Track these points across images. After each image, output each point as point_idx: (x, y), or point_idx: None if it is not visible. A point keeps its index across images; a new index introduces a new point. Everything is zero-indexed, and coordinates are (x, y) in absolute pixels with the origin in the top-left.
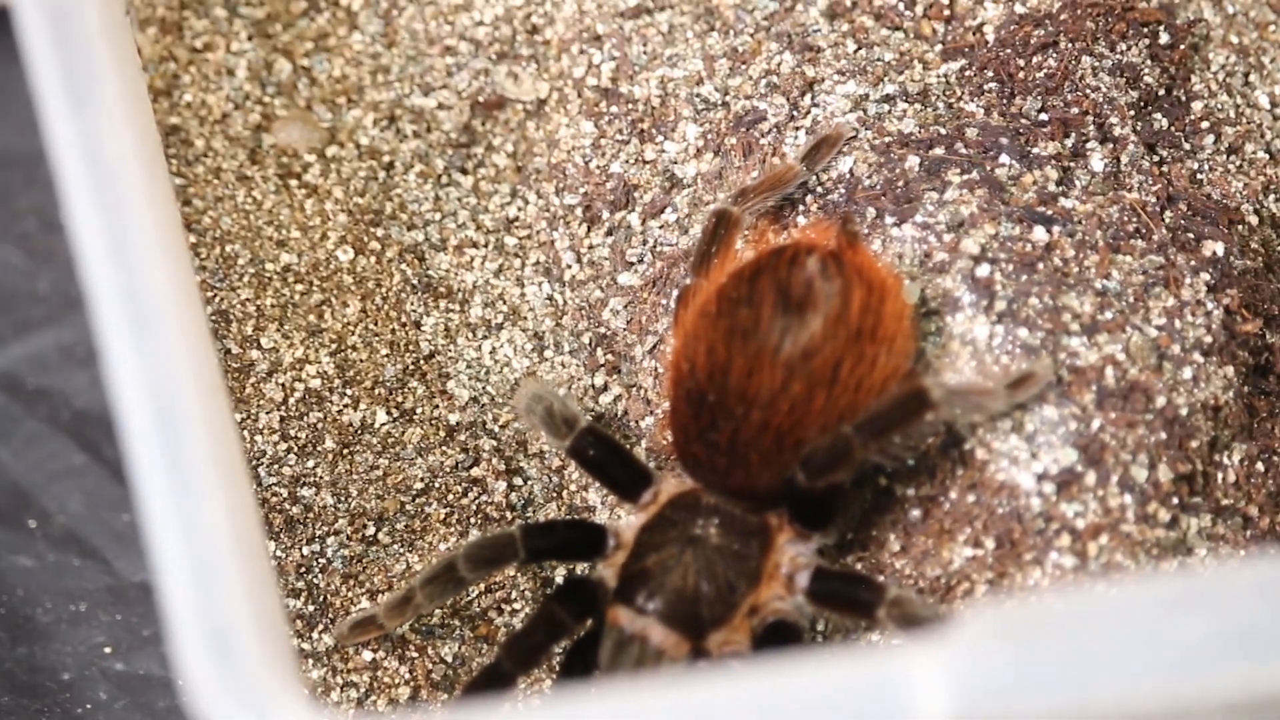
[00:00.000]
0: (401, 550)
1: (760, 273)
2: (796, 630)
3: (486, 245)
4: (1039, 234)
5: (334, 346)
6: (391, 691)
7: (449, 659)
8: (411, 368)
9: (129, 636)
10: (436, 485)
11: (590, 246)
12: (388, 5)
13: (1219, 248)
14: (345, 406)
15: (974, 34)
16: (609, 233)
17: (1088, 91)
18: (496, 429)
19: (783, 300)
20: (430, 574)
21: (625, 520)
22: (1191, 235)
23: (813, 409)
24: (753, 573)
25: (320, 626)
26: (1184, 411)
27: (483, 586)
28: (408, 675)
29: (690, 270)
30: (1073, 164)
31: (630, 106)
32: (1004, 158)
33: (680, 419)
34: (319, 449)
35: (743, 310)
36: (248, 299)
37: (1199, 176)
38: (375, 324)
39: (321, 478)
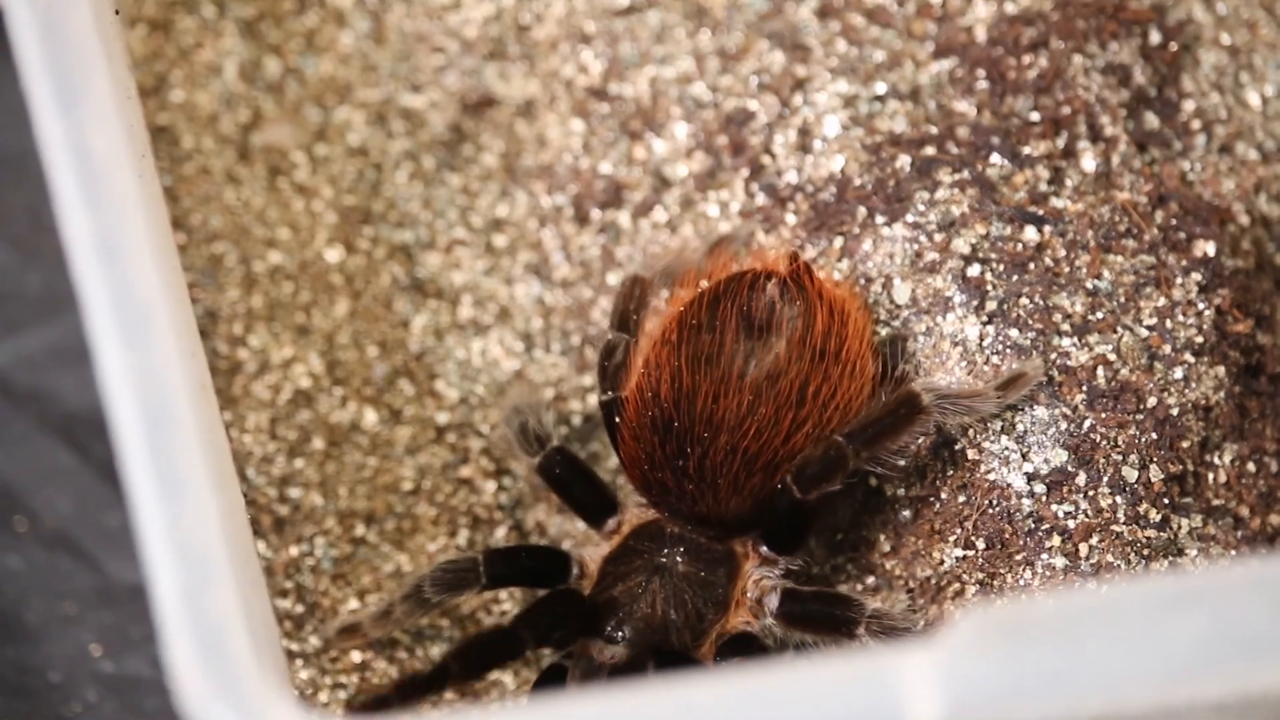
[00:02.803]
0: (390, 550)
1: (721, 298)
2: (758, 643)
3: (476, 245)
4: (1030, 234)
5: (323, 346)
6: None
7: (439, 660)
8: (400, 367)
9: (119, 637)
10: (425, 485)
11: (580, 246)
12: (377, 4)
13: (1210, 248)
14: (334, 406)
15: (965, 33)
16: (599, 232)
17: (1079, 91)
18: (486, 429)
19: (745, 324)
20: (403, 592)
21: (589, 550)
22: (1183, 235)
23: (780, 431)
24: (720, 600)
25: (309, 627)
26: (1175, 412)
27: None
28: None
29: (612, 326)
30: (1064, 163)
31: (620, 106)
32: (995, 157)
33: (645, 447)
34: (308, 449)
35: (705, 336)
36: (236, 298)
37: (1190, 176)
38: (364, 323)
39: (310, 478)
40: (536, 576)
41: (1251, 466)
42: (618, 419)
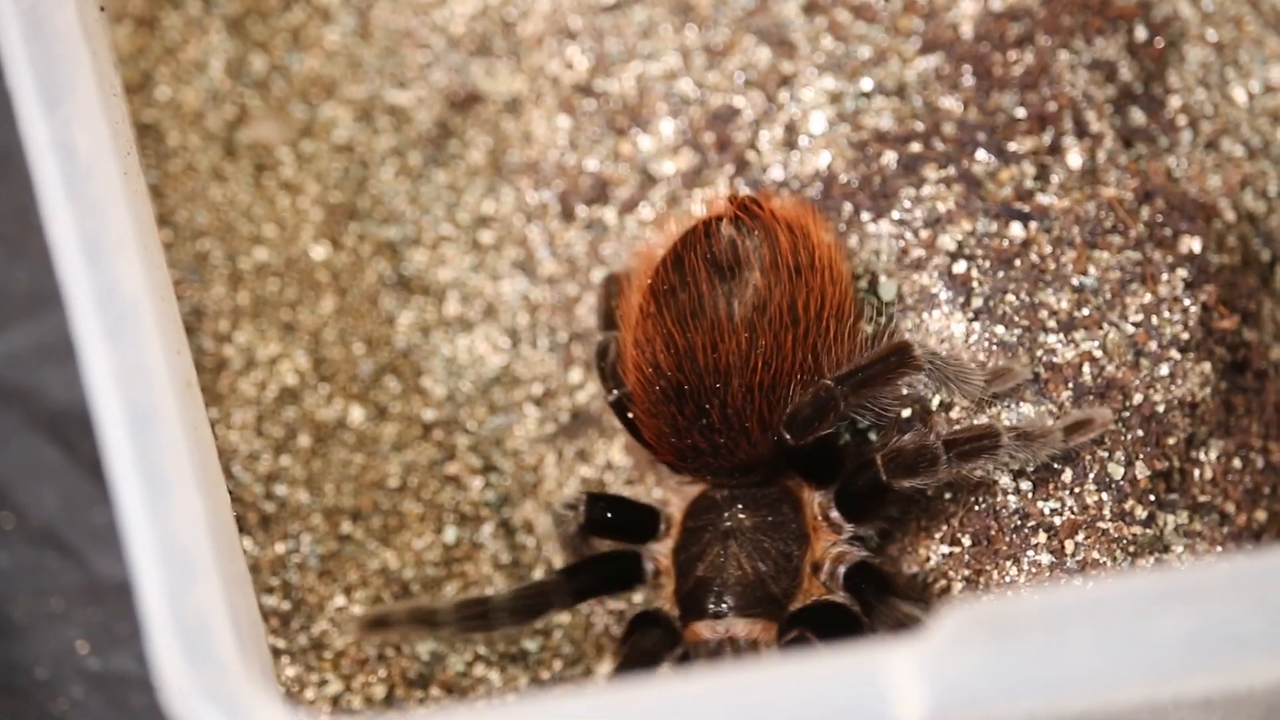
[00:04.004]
0: (377, 547)
1: (683, 255)
2: (870, 567)
3: (462, 241)
4: (1016, 230)
5: (309, 343)
6: (367, 690)
7: (425, 658)
8: (387, 364)
9: (105, 635)
10: (412, 482)
11: (566, 242)
12: (362, 0)
13: (1196, 244)
14: (320, 403)
15: (951, 29)
16: (585, 228)
17: (1065, 87)
18: (472, 426)
19: (715, 269)
20: (460, 610)
21: (654, 547)
22: (1169, 231)
23: (786, 355)
24: (798, 533)
25: (295, 624)
26: (1161, 408)
27: (460, 585)
28: (384, 674)
29: (600, 327)
30: (1050, 160)
31: (606, 102)
32: (981, 153)
33: (666, 420)
34: (294, 446)
35: (681, 294)
36: (222, 295)
37: (1176, 172)
38: (350, 320)
39: (296, 474)
40: (615, 583)
41: (1237, 463)
42: (630, 412)
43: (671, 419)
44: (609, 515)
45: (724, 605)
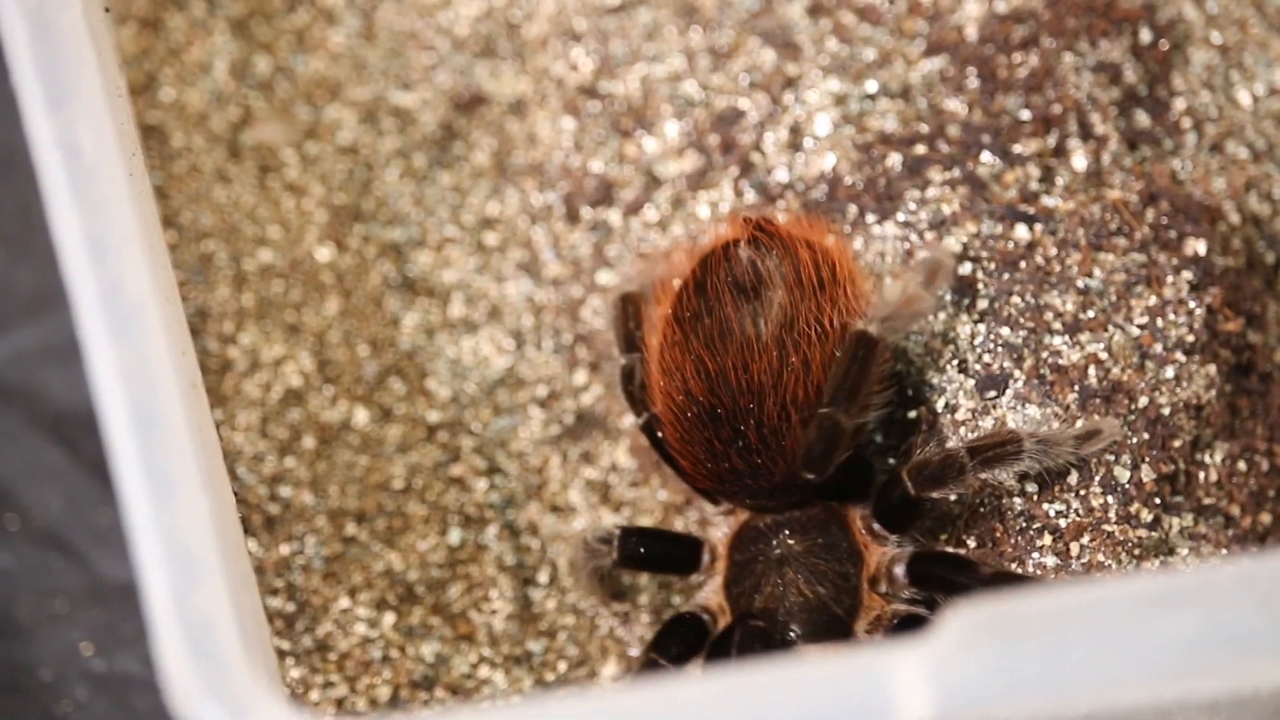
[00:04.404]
0: (382, 549)
1: (704, 280)
2: (928, 552)
3: (466, 243)
4: (1021, 232)
5: (314, 344)
6: (372, 692)
7: (429, 659)
8: (391, 366)
9: (109, 636)
10: (416, 484)
11: (571, 244)
12: (367, 2)
13: (1201, 246)
14: (325, 405)
15: (956, 31)
16: (589, 230)
17: (1070, 89)
18: (477, 427)
19: (739, 291)
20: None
21: (705, 587)
22: (1174, 233)
23: (817, 370)
24: (851, 552)
25: (300, 625)
26: (1166, 411)
27: (463, 587)
28: (389, 675)
29: (621, 351)
30: (1054, 162)
31: (611, 104)
32: (986, 155)
33: (701, 445)
34: (299, 447)
35: (707, 319)
36: (227, 297)
37: (1181, 175)
38: (355, 322)
39: (301, 476)
40: (694, 635)
41: (1242, 465)
42: (661, 435)
43: (708, 444)
44: (644, 550)
45: (790, 635)
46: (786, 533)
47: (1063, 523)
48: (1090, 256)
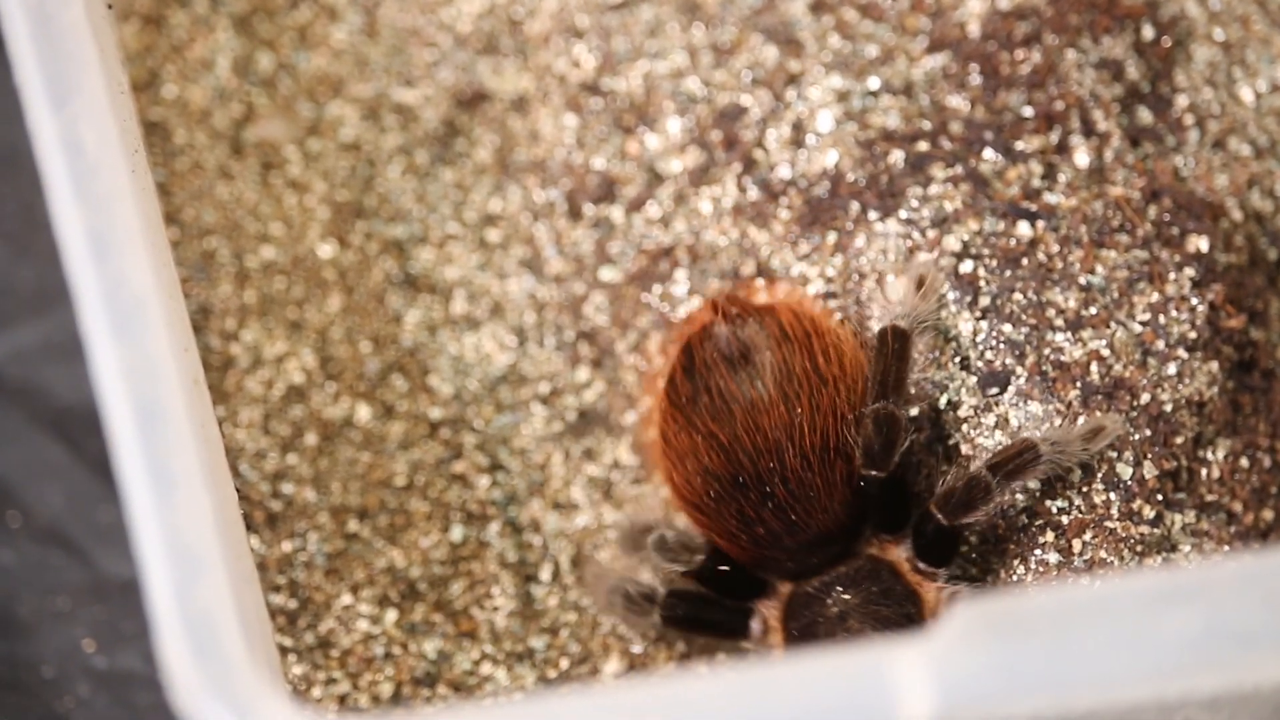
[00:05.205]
0: (384, 546)
1: (690, 367)
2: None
3: (468, 240)
4: (1023, 229)
5: (316, 341)
6: (374, 688)
7: (431, 656)
8: (393, 363)
9: (111, 633)
10: (418, 480)
11: (573, 241)
12: None
13: (1203, 243)
14: (327, 402)
15: (958, 28)
16: (592, 227)
17: (1072, 86)
18: (479, 424)
19: (728, 364)
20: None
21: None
22: (1176, 230)
23: (826, 413)
24: (908, 592)
25: (302, 622)
26: (1169, 407)
27: (465, 583)
28: (391, 672)
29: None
30: (1057, 159)
31: (613, 100)
32: (988, 152)
33: (736, 519)
34: (301, 444)
35: (705, 398)
36: (229, 293)
37: (1183, 172)
38: (357, 319)
39: (303, 473)
40: None
41: (1245, 462)
42: (708, 559)
43: (739, 512)
44: (690, 615)
45: None
46: (839, 589)
47: (1065, 519)
48: (1092, 253)
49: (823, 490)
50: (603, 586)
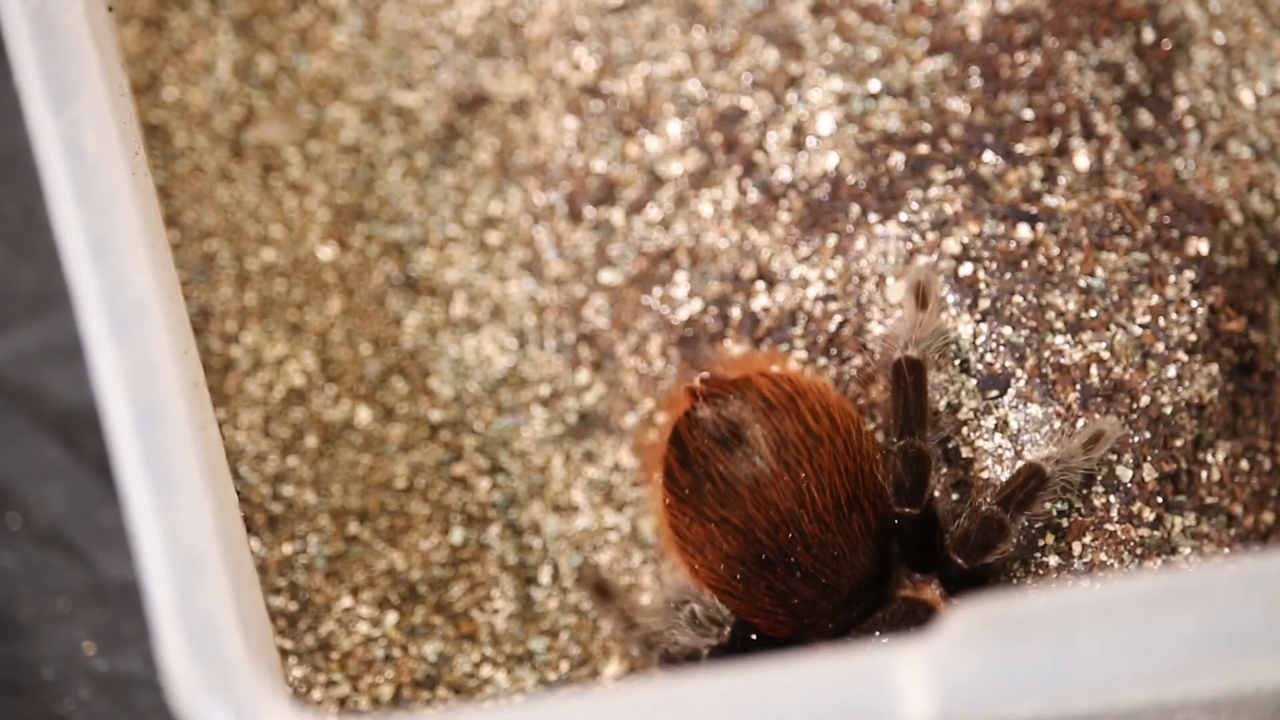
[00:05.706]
0: (384, 548)
1: (683, 457)
2: None
3: (469, 242)
4: (1023, 232)
5: (316, 344)
6: (374, 691)
7: (432, 658)
8: (394, 365)
9: (112, 635)
10: (419, 483)
11: (573, 244)
12: (370, 1)
13: (1203, 245)
14: (327, 404)
15: (959, 31)
16: (592, 229)
17: (1072, 89)
18: (479, 426)
19: (722, 446)
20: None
21: None
22: (1176, 233)
23: (829, 470)
24: None
25: (302, 625)
26: (1168, 410)
27: (465, 586)
28: (391, 674)
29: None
30: (1057, 161)
31: (613, 103)
32: (988, 155)
33: (766, 597)
34: (301, 446)
35: (708, 485)
36: (229, 296)
37: (1183, 174)
38: (357, 321)
39: (303, 475)
40: None
41: (1245, 464)
42: (740, 631)
43: (770, 590)
44: (753, 647)
45: None
46: (878, 635)
47: (1065, 522)
48: (1092, 256)
49: (846, 547)
50: (670, 594)
